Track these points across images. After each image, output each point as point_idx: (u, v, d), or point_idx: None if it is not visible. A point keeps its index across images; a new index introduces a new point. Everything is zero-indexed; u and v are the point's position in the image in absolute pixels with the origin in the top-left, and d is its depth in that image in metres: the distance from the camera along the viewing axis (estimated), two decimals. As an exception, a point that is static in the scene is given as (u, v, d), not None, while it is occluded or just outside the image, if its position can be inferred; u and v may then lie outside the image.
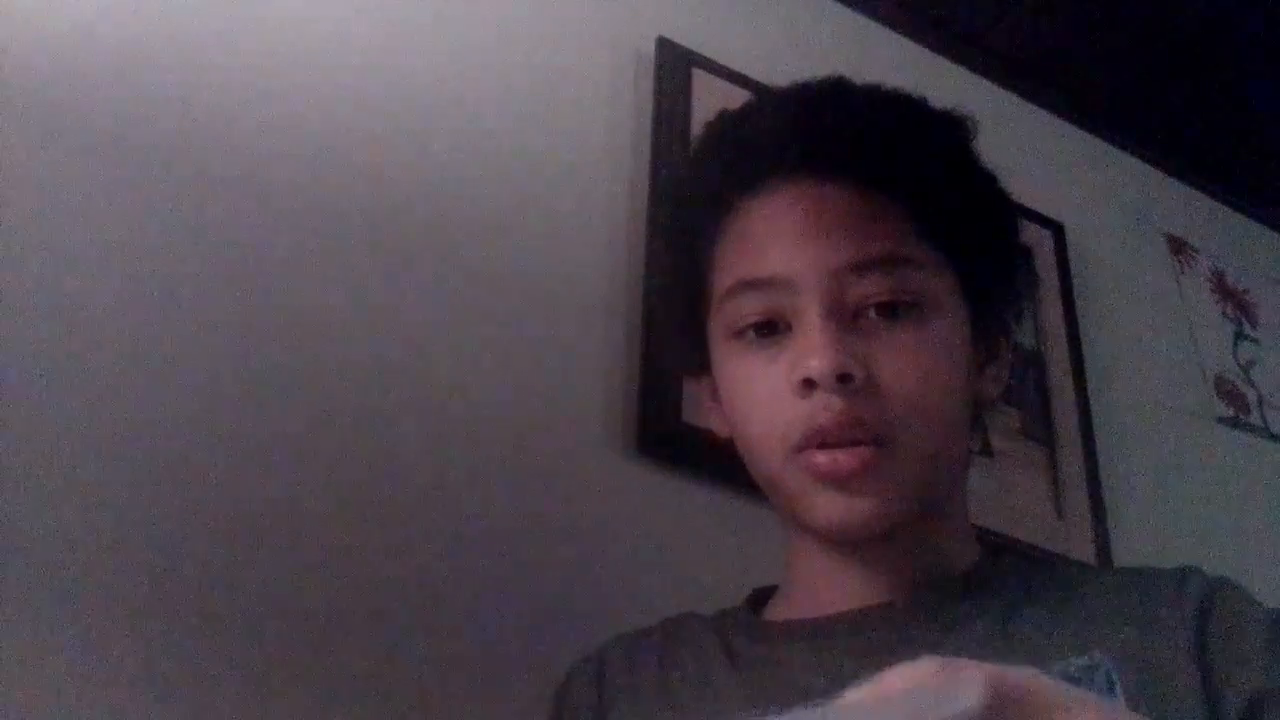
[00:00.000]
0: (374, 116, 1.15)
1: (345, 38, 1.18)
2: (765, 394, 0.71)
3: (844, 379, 0.68)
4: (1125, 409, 1.57)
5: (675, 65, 1.36)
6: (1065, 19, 1.72)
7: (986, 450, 1.38)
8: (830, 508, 0.70)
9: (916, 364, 0.70)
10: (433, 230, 1.13)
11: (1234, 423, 1.70)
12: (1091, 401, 1.52)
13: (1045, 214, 1.63)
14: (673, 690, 0.75)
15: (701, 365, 0.80)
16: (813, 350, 0.68)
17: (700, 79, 1.36)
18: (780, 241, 0.72)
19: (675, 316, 0.84)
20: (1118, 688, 0.61)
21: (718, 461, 1.10)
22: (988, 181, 0.80)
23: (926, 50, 1.66)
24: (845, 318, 0.70)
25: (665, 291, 0.88)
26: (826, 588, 0.75)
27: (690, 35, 1.40)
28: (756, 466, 0.75)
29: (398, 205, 1.13)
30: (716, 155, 0.81)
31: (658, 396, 1.14)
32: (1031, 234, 1.60)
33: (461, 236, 1.15)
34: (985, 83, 1.72)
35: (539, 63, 1.30)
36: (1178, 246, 1.84)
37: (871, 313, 0.71)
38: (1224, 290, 1.86)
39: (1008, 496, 1.37)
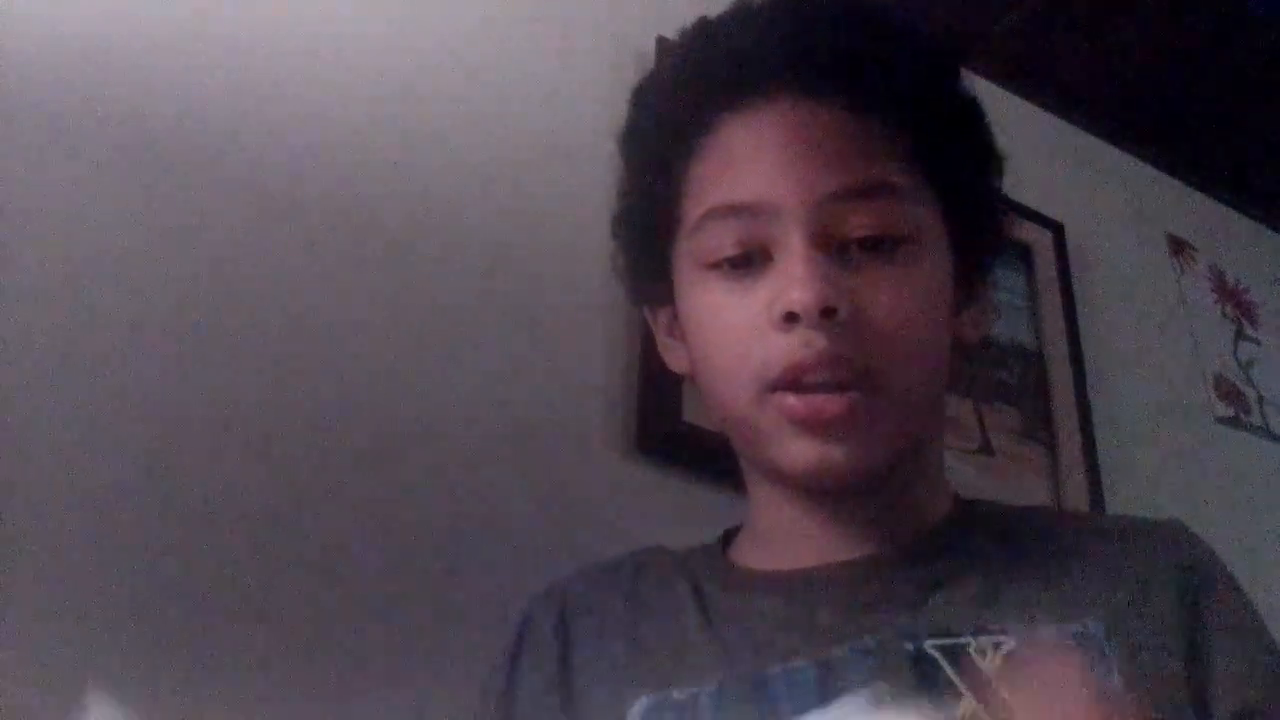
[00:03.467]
0: (373, 117, 1.15)
1: (345, 37, 1.18)
2: (740, 326, 0.67)
3: (828, 313, 0.63)
4: (1125, 409, 1.57)
5: (675, 65, 1.36)
6: (1065, 19, 1.72)
7: (986, 450, 1.38)
8: (805, 453, 0.66)
9: (903, 302, 0.66)
10: (432, 230, 1.13)
11: (1234, 423, 1.70)
12: (1091, 401, 1.52)
13: (1045, 214, 1.63)
14: (641, 638, 0.71)
15: (661, 297, 0.76)
16: (796, 282, 0.64)
17: (700, 79, 1.36)
18: (763, 164, 0.67)
19: (637, 241, 0.78)
20: (1112, 658, 0.61)
21: (718, 461, 1.11)
22: (976, 111, 0.76)
23: (926, 50, 1.65)
24: (830, 249, 0.66)
25: (628, 213, 0.80)
26: (795, 539, 0.71)
27: (690, 35, 1.39)
28: (722, 404, 0.70)
29: (397, 206, 1.12)
30: (696, 67, 0.74)
31: (658, 396, 1.14)
32: (1031, 234, 1.60)
33: (461, 236, 1.15)
34: (985, 83, 1.71)
35: (539, 63, 1.30)
36: (1178, 246, 1.84)
37: (856, 246, 0.66)
38: (1224, 290, 1.86)
39: (1008, 496, 1.37)
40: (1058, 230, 1.64)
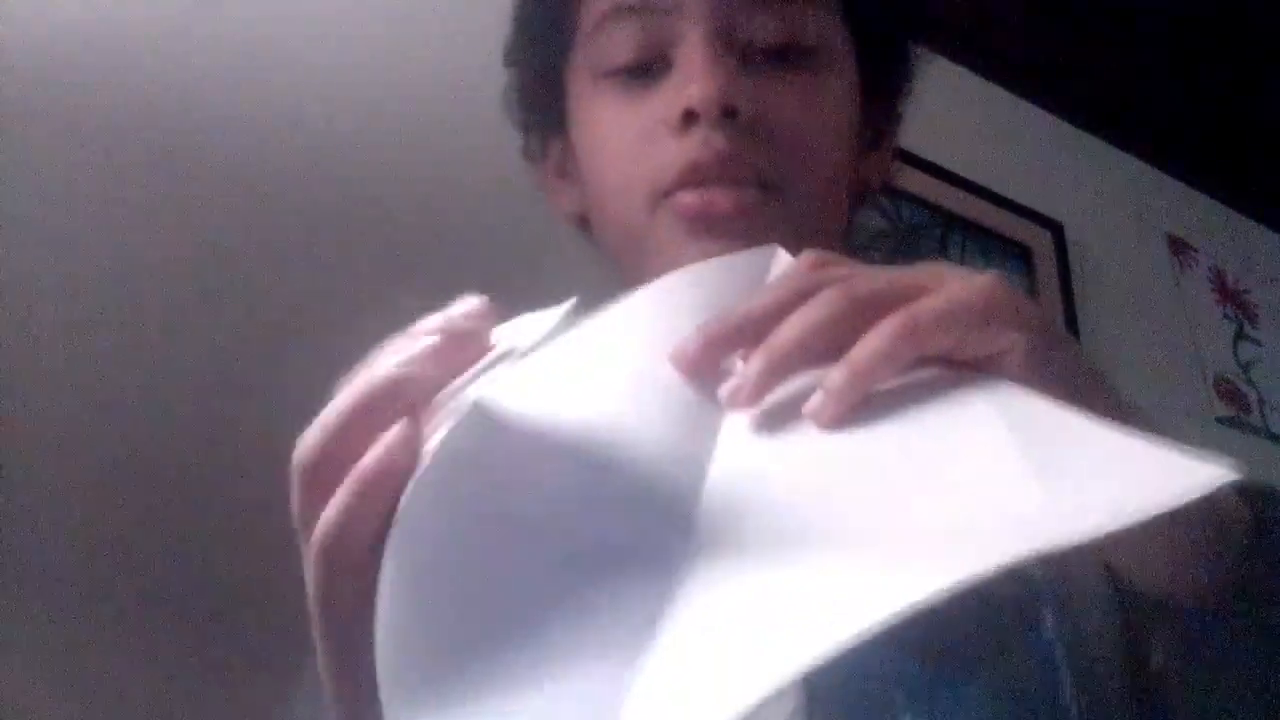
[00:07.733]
0: (372, 115, 1.15)
1: (345, 36, 1.18)
2: (635, 134, 0.62)
3: (729, 112, 0.59)
4: (1125, 409, 1.57)
5: (675, 65, 1.36)
6: (1065, 20, 1.72)
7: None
8: (700, 256, 0.59)
9: (808, 110, 0.62)
10: (431, 229, 1.13)
11: (1234, 423, 1.70)
12: (1091, 401, 1.52)
13: (1045, 214, 1.63)
14: None
15: (553, 124, 0.71)
16: (695, 78, 0.59)
17: (700, 79, 1.36)
18: None
19: (530, 61, 0.73)
20: None
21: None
22: None
23: (927, 50, 1.66)
24: (733, 52, 0.61)
25: (521, 31, 0.74)
26: None
27: (690, 35, 1.39)
28: (616, 224, 0.65)
29: (395, 204, 1.12)
30: None
31: (657, 396, 1.14)
32: (1031, 234, 1.60)
33: (460, 235, 1.15)
34: (985, 83, 1.72)
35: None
36: (1178, 246, 1.85)
37: (760, 55, 0.62)
38: (1224, 290, 1.86)
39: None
40: (1058, 230, 1.64)
